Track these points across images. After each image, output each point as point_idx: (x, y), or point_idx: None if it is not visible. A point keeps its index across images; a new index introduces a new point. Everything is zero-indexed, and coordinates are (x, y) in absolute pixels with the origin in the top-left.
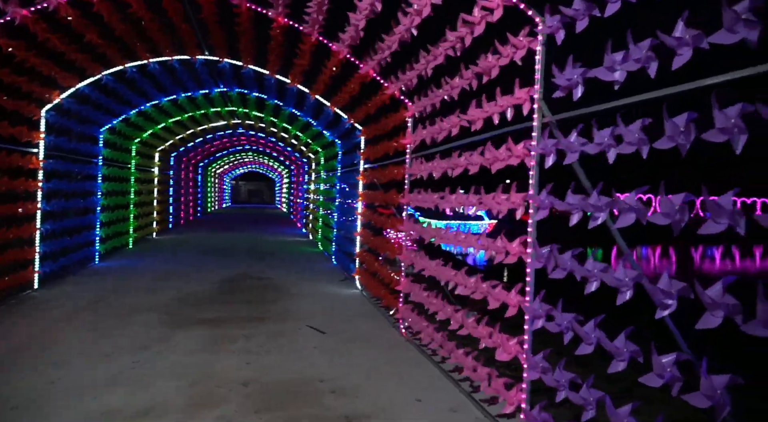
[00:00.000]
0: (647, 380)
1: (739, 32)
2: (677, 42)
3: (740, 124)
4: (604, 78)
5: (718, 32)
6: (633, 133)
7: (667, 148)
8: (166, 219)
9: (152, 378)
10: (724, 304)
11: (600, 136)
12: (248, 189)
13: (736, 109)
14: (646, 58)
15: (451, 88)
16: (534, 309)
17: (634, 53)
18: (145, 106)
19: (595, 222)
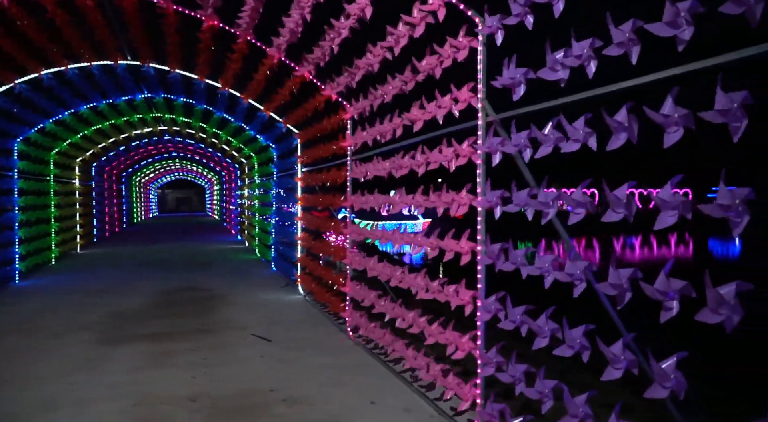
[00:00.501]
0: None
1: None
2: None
3: (741, 110)
4: (547, 77)
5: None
6: (578, 129)
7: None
8: (90, 232)
9: (92, 400)
10: (675, 290)
11: (545, 133)
12: (176, 197)
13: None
14: (586, 57)
15: (392, 89)
16: (486, 304)
17: (575, 50)
18: (63, 115)
19: (546, 218)
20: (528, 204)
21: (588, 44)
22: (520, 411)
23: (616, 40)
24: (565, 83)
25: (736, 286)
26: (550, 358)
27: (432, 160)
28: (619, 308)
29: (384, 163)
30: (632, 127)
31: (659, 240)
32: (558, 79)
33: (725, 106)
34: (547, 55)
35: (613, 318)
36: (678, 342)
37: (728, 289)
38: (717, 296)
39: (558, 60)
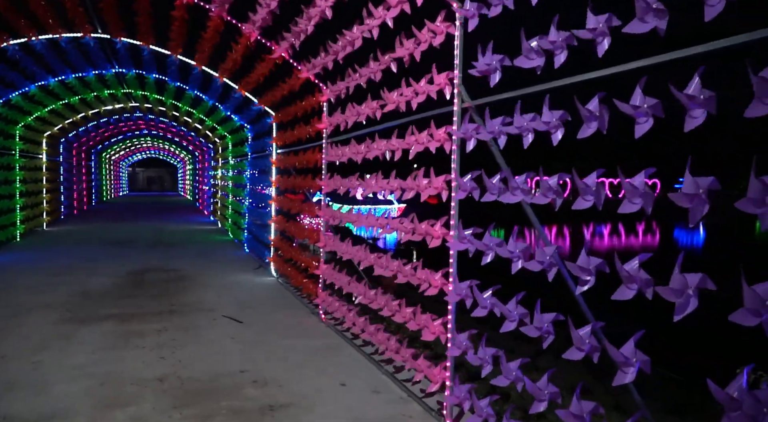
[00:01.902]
0: (569, 355)
1: (650, 22)
2: (592, 34)
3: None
4: (523, 65)
5: (632, 22)
6: (552, 117)
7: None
8: (57, 209)
9: (55, 380)
10: (639, 278)
11: (520, 120)
12: (147, 176)
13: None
14: (560, 45)
15: (368, 72)
16: (458, 288)
17: (551, 37)
18: (29, 88)
19: (510, 200)
20: (501, 190)
21: (564, 35)
22: (488, 394)
23: (589, 27)
24: (541, 71)
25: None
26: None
27: (407, 145)
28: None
29: (359, 146)
30: (603, 116)
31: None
32: (534, 67)
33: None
34: (522, 43)
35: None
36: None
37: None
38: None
39: (533, 48)
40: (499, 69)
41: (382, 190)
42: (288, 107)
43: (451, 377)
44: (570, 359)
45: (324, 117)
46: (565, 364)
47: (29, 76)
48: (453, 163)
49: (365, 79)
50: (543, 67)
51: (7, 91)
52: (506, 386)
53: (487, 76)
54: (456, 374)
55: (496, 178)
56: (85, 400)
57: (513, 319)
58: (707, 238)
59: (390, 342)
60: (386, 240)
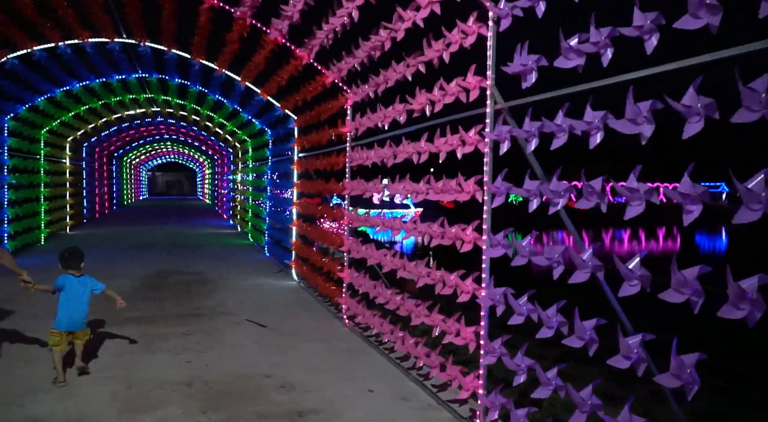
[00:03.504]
0: (615, 361)
1: (703, 17)
2: (639, 31)
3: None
4: (563, 66)
5: (683, 18)
6: (594, 117)
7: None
8: (80, 213)
9: (82, 383)
10: (639, 275)
11: (558, 122)
12: (166, 180)
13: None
14: (603, 44)
15: (395, 74)
16: (492, 294)
17: (593, 37)
18: (54, 93)
19: (554, 208)
20: (538, 193)
21: (607, 31)
22: (516, 402)
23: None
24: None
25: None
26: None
27: (436, 148)
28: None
29: (385, 150)
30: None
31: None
32: (575, 67)
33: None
34: (561, 43)
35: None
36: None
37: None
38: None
39: (573, 47)
40: (534, 69)
41: (409, 193)
42: (310, 111)
43: (484, 385)
44: (616, 366)
45: (348, 120)
46: (584, 369)
47: (54, 81)
48: (486, 165)
49: (392, 81)
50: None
51: (33, 96)
52: (547, 397)
53: (522, 77)
54: (488, 383)
55: (534, 182)
56: (112, 404)
57: (551, 326)
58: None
59: (418, 348)
60: (403, 244)
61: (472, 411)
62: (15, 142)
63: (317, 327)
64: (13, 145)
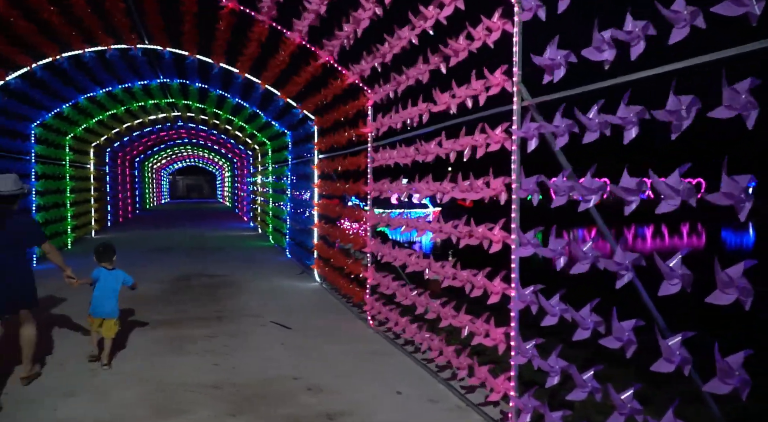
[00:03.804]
0: (658, 366)
1: (747, 5)
2: (676, 15)
3: (751, 99)
4: (592, 58)
5: (723, 3)
6: (629, 112)
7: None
8: (104, 217)
9: (113, 386)
10: (680, 274)
11: (589, 120)
12: (187, 183)
13: (746, 84)
14: (636, 36)
15: (417, 73)
16: (522, 295)
17: (627, 26)
18: (78, 100)
19: (586, 205)
20: (569, 191)
21: (642, 24)
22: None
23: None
24: (609, 65)
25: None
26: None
27: (461, 146)
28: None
29: (408, 150)
30: (692, 111)
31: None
32: (603, 60)
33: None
34: (594, 34)
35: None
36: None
37: None
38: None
39: (606, 38)
40: (564, 64)
41: (433, 193)
42: (330, 112)
43: (515, 386)
44: (660, 371)
45: (369, 120)
46: (615, 370)
47: (78, 88)
48: (513, 163)
49: (413, 80)
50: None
51: (58, 103)
52: (582, 399)
53: (547, 71)
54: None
55: (563, 178)
56: (142, 407)
57: (587, 327)
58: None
59: (446, 349)
60: (422, 243)
61: (503, 413)
62: (41, 148)
63: (341, 328)
64: (40, 152)
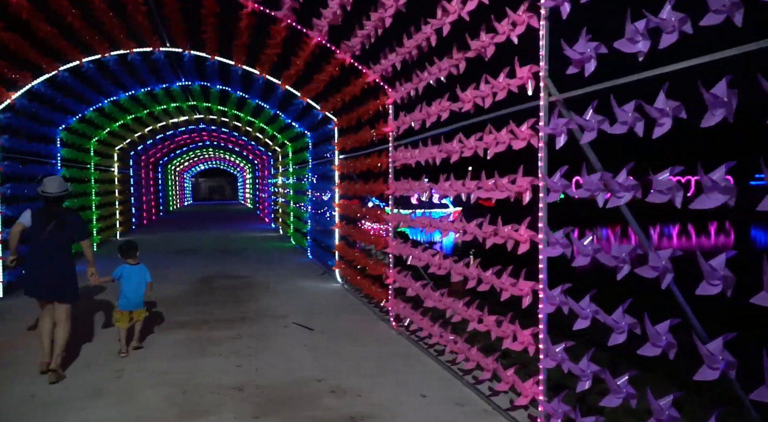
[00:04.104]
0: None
1: None
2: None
3: None
4: (625, 50)
5: None
6: (667, 105)
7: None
8: (128, 219)
9: (138, 387)
10: (722, 275)
11: (623, 113)
12: (209, 186)
13: None
14: (672, 27)
15: (439, 70)
16: (550, 296)
17: (664, 14)
18: (103, 103)
19: (617, 202)
20: (599, 189)
21: (680, 16)
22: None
23: (713, 7)
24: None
25: None
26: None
27: (485, 144)
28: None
29: (430, 148)
30: (731, 101)
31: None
32: (636, 52)
33: None
34: (627, 25)
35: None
36: None
37: None
38: None
39: (639, 30)
40: (594, 57)
41: (457, 192)
42: (350, 112)
43: (544, 391)
44: (703, 380)
45: (390, 120)
46: (644, 372)
47: (102, 92)
48: (540, 161)
49: (434, 78)
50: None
51: (83, 107)
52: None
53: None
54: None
55: (593, 175)
56: (167, 409)
57: (621, 330)
58: None
59: (471, 351)
60: (443, 243)
61: (531, 418)
62: (67, 152)
63: (364, 329)
64: (66, 155)
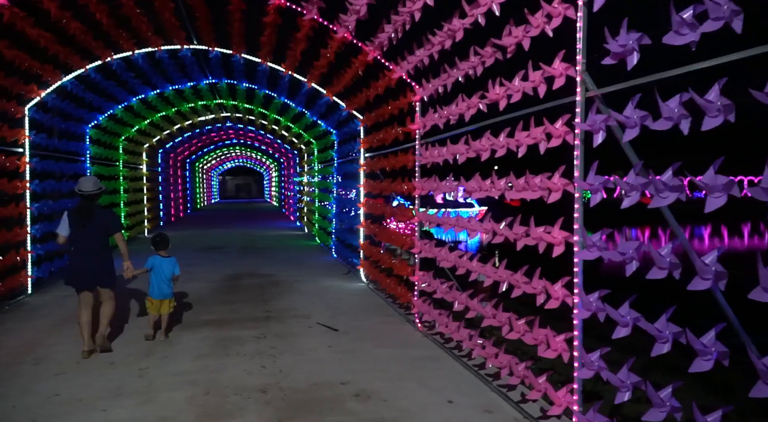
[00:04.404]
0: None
1: None
2: None
3: None
4: (673, 42)
5: None
6: (716, 102)
7: None
8: (157, 216)
9: (160, 387)
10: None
11: (669, 108)
12: (236, 184)
13: None
14: (729, 13)
15: (469, 66)
16: (587, 301)
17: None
18: (131, 101)
19: (660, 202)
20: (639, 188)
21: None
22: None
23: None
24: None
25: None
26: None
27: (517, 142)
28: None
29: (458, 147)
30: None
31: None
32: (688, 43)
33: None
34: (672, 16)
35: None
36: None
37: None
38: None
39: (687, 20)
40: (636, 49)
41: (486, 191)
42: (377, 109)
43: (579, 401)
44: (761, 397)
45: (417, 117)
46: (670, 376)
47: (131, 90)
48: (576, 159)
49: (463, 74)
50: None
51: (112, 105)
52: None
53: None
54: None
55: (633, 175)
56: (189, 410)
57: (664, 340)
58: None
59: (500, 357)
60: (467, 243)
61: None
62: (96, 149)
63: (389, 331)
64: (95, 153)
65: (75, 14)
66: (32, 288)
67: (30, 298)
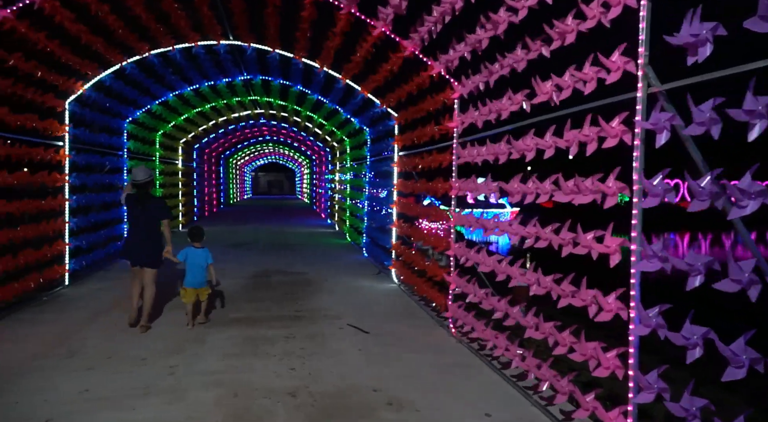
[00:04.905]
0: None
1: None
2: None
3: None
4: (758, 29)
5: None
6: None
7: None
8: (191, 211)
9: (189, 386)
10: None
11: (753, 103)
12: (268, 180)
13: None
14: None
15: (513, 61)
16: (645, 316)
17: None
18: (168, 97)
19: (740, 211)
20: (712, 196)
21: None
22: None
23: None
24: None
25: None
26: None
27: (566, 141)
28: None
29: (500, 146)
30: None
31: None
32: None
33: None
34: (760, 1)
35: None
36: None
37: None
38: None
39: None
40: (710, 40)
41: (527, 193)
42: (412, 107)
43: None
44: None
45: (455, 115)
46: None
47: (168, 85)
48: (635, 160)
49: (507, 69)
50: None
51: (149, 100)
52: None
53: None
54: None
55: (705, 179)
56: (217, 411)
57: (741, 365)
58: None
59: (542, 369)
60: (498, 244)
61: None
62: (133, 144)
63: (421, 335)
64: (132, 148)
65: (113, 8)
66: (69, 280)
67: (67, 290)
